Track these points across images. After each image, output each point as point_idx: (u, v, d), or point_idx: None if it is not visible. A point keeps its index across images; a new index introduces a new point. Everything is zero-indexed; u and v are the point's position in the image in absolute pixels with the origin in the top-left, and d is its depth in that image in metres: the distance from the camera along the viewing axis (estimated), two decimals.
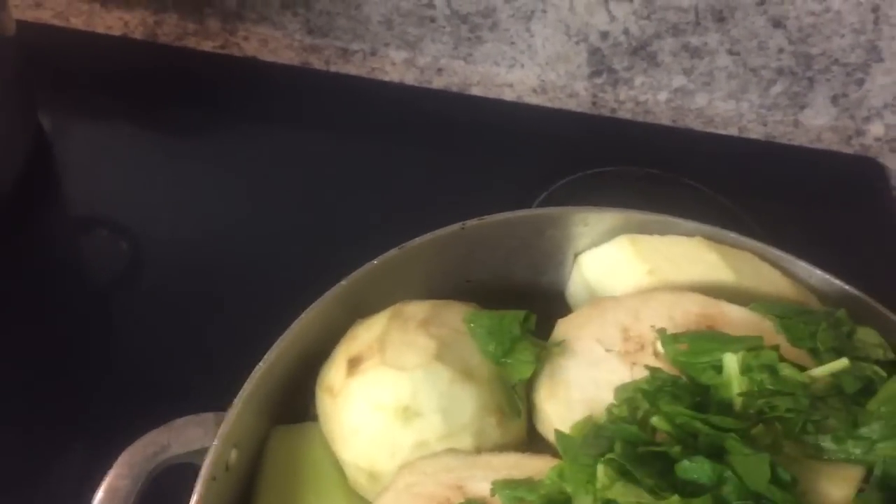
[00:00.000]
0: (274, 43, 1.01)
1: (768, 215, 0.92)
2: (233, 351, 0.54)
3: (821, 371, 0.46)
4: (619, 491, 0.40)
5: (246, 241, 0.84)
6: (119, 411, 0.67)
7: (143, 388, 0.71)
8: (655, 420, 0.44)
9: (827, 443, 0.42)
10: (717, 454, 0.42)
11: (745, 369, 0.45)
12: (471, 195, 0.89)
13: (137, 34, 0.99)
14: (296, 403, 0.57)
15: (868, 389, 0.47)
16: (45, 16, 1.00)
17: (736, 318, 0.53)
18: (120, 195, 0.89)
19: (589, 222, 0.64)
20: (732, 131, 1.02)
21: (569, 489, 0.43)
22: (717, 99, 1.02)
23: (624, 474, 0.41)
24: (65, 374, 0.74)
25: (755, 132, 1.02)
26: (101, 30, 0.99)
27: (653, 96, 1.02)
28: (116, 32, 1.00)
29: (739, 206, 0.93)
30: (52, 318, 0.78)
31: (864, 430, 0.41)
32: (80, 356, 0.75)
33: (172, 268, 0.83)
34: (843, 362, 0.45)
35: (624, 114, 1.02)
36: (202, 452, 0.48)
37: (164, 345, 0.76)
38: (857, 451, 0.41)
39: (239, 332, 0.63)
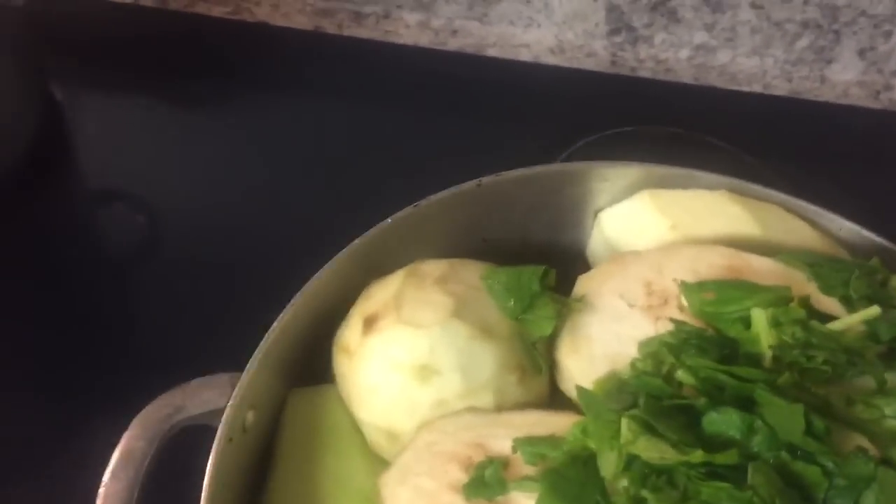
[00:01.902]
0: (286, 7, 0.99)
1: (795, 174, 0.89)
2: (252, 314, 0.53)
3: (853, 319, 0.44)
4: (643, 446, 0.38)
5: (263, 207, 0.84)
6: (137, 377, 0.66)
7: (162, 353, 0.70)
8: (680, 374, 0.43)
9: (859, 397, 0.40)
10: (745, 406, 0.40)
11: (775, 323, 0.43)
12: (488, 158, 0.86)
13: (148, 1, 0.98)
14: (314, 365, 0.56)
15: None
16: None
17: (763, 269, 0.51)
18: (134, 165, 0.88)
19: (608, 178, 0.62)
20: (756, 88, 0.99)
21: (593, 445, 0.42)
22: (741, 55, 1.00)
23: (648, 429, 0.39)
24: (81, 342, 0.73)
25: (780, 89, 0.99)
26: None
27: (674, 54, 1.00)
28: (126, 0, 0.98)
29: (765, 165, 0.90)
30: (69, 288, 0.78)
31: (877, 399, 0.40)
32: (97, 325, 0.75)
33: (190, 236, 0.82)
34: (874, 310, 0.44)
35: (644, 72, 0.99)
36: (218, 413, 0.47)
37: (182, 312, 0.76)
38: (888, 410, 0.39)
39: (258, 296, 0.62)
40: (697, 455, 0.37)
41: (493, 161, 0.85)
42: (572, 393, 0.49)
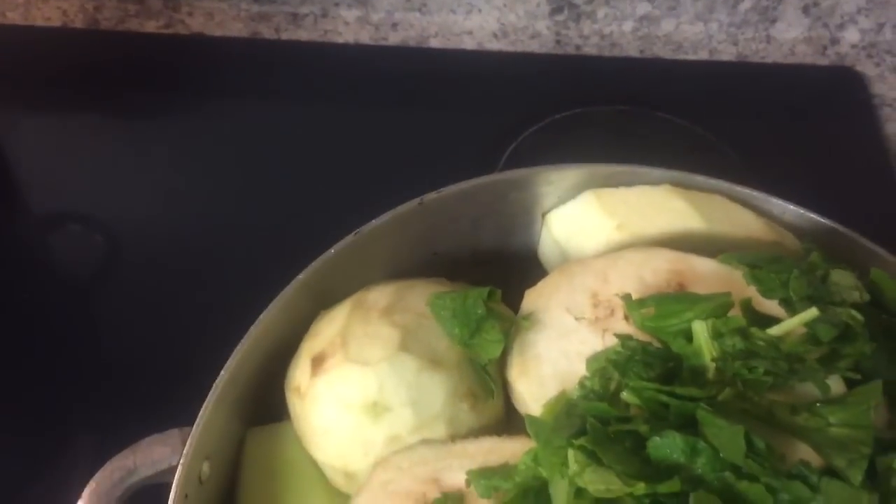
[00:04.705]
0: (220, 15, 0.97)
1: (747, 140, 0.89)
2: (208, 351, 0.53)
3: (791, 323, 0.44)
4: (590, 478, 0.39)
5: (213, 218, 0.83)
6: (90, 432, 0.66)
7: (119, 402, 0.70)
8: (625, 394, 0.43)
9: (803, 406, 0.41)
10: (689, 425, 0.41)
11: (716, 335, 0.43)
12: (438, 152, 0.87)
13: (78, 22, 0.96)
14: (270, 402, 0.55)
15: (845, 336, 0.46)
16: None
17: (706, 271, 0.51)
18: (85, 187, 0.87)
19: (552, 181, 0.62)
20: (703, 55, 0.98)
21: (544, 474, 0.42)
22: (685, 22, 0.99)
23: (594, 459, 0.39)
24: (44, 376, 0.72)
25: (727, 53, 0.99)
26: (39, 22, 0.96)
27: (618, 27, 0.99)
28: (56, 23, 0.96)
29: (717, 134, 0.90)
30: (31, 318, 0.77)
31: (821, 408, 0.40)
32: (63, 355, 0.74)
33: (148, 251, 0.81)
34: (812, 312, 0.44)
35: (590, 49, 0.98)
36: (172, 471, 0.47)
37: (146, 335, 0.75)
38: (832, 419, 0.40)
39: (212, 330, 0.61)
40: (640, 487, 0.37)
41: (443, 155, 0.85)
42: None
